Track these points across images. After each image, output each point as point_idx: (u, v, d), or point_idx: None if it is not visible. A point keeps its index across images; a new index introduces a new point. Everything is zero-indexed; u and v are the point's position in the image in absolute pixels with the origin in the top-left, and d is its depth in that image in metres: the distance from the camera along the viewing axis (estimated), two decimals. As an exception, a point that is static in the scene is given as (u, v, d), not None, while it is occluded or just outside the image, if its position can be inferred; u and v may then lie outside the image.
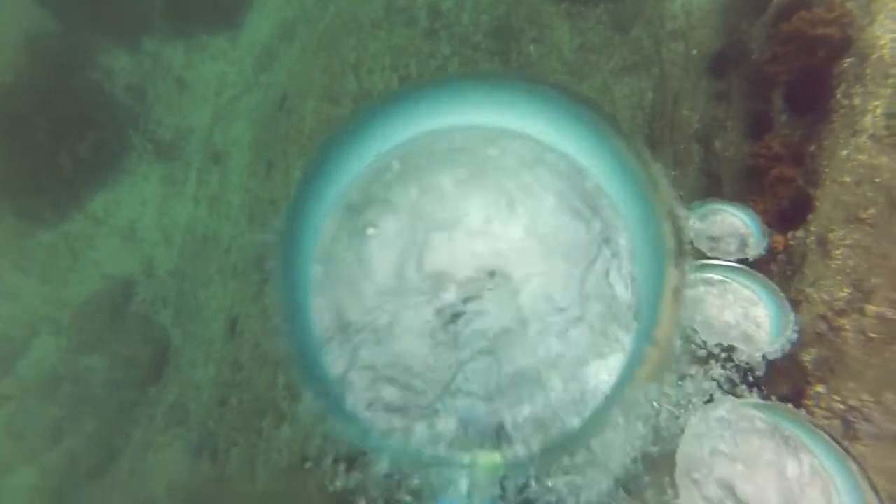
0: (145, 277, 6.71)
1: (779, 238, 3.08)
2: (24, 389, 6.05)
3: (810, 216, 2.92)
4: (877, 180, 2.64)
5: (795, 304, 2.81)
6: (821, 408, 2.49)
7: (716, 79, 4.25)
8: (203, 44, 7.45)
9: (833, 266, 2.74)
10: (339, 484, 1.14)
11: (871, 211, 2.66)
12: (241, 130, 6.69)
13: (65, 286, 6.73)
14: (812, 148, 3.04)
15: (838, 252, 2.74)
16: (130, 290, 6.69)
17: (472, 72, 4.94)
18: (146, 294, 6.67)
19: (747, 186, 3.67)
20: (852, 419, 2.40)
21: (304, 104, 5.97)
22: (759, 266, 3.17)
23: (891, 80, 2.64)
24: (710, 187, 4.00)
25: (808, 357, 2.65)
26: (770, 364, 2.03)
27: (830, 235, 2.78)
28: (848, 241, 2.73)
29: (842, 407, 2.44)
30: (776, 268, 3.09)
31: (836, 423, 2.43)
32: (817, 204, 2.89)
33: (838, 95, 2.92)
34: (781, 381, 2.67)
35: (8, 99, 6.84)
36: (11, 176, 6.92)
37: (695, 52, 4.46)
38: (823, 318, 2.68)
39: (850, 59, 2.89)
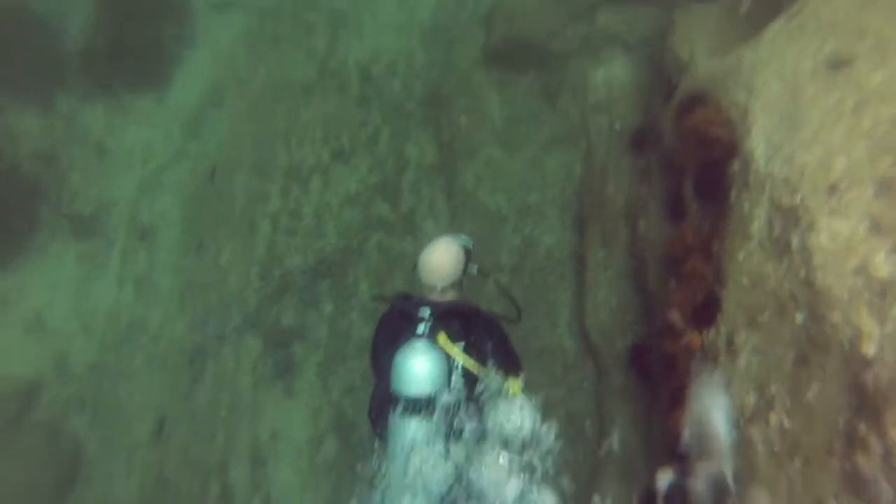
0: (55, 376, 6.56)
1: (695, 336, 3.47)
2: None
3: (719, 316, 3.32)
4: (766, 286, 3.05)
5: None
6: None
7: (637, 155, 4.71)
8: (126, 105, 7.59)
9: (740, 370, 3.12)
10: None
11: (766, 315, 3.06)
12: (169, 204, 6.89)
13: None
14: (716, 246, 3.46)
15: (743, 356, 3.12)
16: (34, 393, 6.44)
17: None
18: (55, 396, 6.44)
19: (669, 272, 4.08)
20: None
21: (233, 178, 6.26)
22: (681, 364, 3.55)
23: (766, 192, 3.07)
24: (638, 269, 4.42)
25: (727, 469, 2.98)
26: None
27: (736, 338, 3.17)
28: (750, 345, 3.11)
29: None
30: (695, 367, 3.46)
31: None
32: (723, 305, 3.29)
33: (732, 197, 3.36)
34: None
35: None
36: None
37: (617, 126, 4.93)
38: (736, 425, 3.03)
39: (737, 164, 3.33)
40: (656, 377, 4.18)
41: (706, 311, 3.46)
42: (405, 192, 5.60)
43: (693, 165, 3.89)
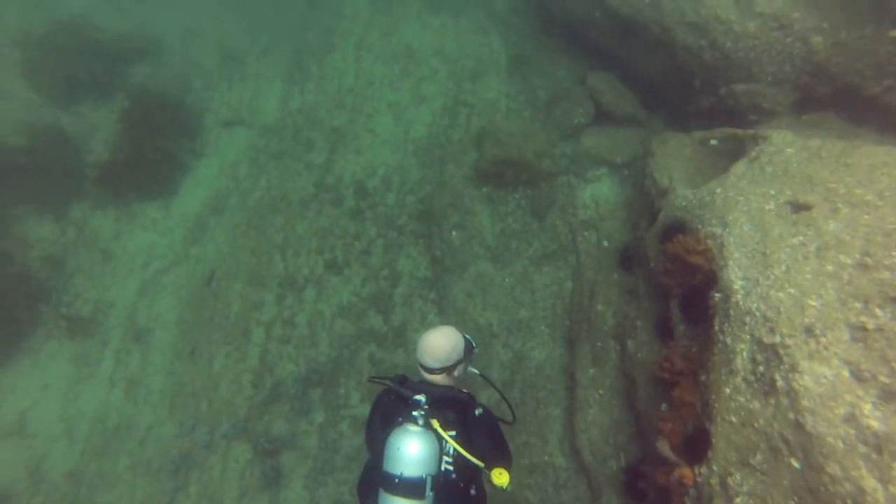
0: (29, 485, 6.25)
1: (688, 472, 3.30)
2: None
3: (710, 452, 3.17)
4: (755, 425, 2.94)
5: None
6: None
7: (625, 273, 4.73)
8: (134, 212, 7.79)
9: (736, 514, 2.94)
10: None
11: (759, 457, 2.92)
12: (166, 307, 6.86)
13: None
14: (703, 377, 3.37)
15: (738, 500, 2.95)
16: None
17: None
18: None
19: (659, 394, 3.96)
20: None
21: (230, 287, 6.25)
22: (675, 499, 3.36)
23: (747, 328, 3.03)
24: (628, 389, 4.30)
25: None
26: None
27: (730, 480, 3.00)
28: (745, 488, 2.95)
29: None
30: (689, 503, 3.28)
31: None
32: (714, 440, 3.16)
33: (715, 327, 3.31)
34: None
35: None
36: None
37: (605, 243, 4.99)
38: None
39: (718, 294, 3.31)
40: (652, 499, 3.94)
41: (697, 446, 3.32)
42: (397, 305, 5.57)
43: (678, 288, 3.88)
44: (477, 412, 2.84)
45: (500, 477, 2.70)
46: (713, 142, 4.39)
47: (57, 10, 8.82)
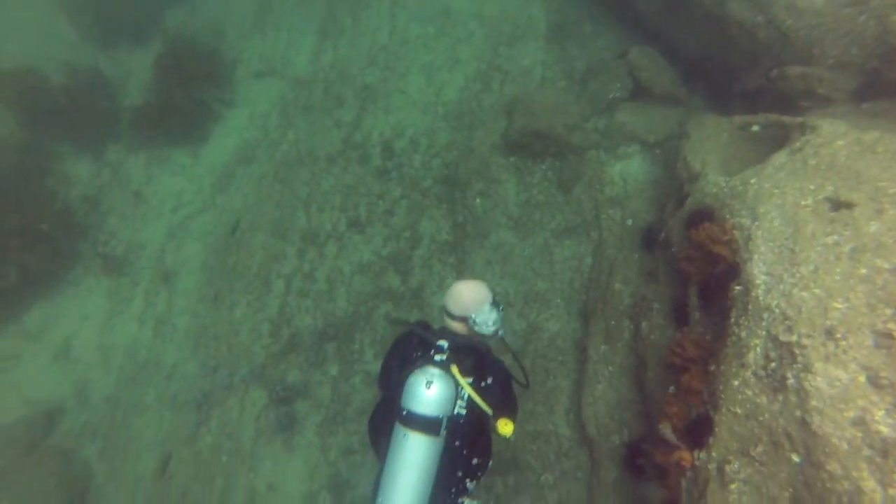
0: (76, 404, 6.76)
1: (687, 455, 3.33)
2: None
3: (710, 439, 3.19)
4: (760, 418, 2.93)
5: (700, 536, 3.02)
6: None
7: (647, 254, 4.66)
8: (165, 157, 7.90)
9: (730, 500, 2.97)
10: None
11: (759, 449, 2.93)
12: (193, 252, 7.01)
13: (-24, 411, 6.72)
14: (713, 367, 3.35)
15: (734, 486, 2.98)
16: (54, 418, 6.68)
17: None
18: (73, 423, 6.67)
19: (668, 377, 3.96)
20: None
21: (254, 237, 6.34)
22: (672, 479, 3.41)
23: (764, 324, 2.97)
24: (638, 369, 4.30)
25: None
26: None
27: (727, 467, 3.02)
28: (742, 476, 2.97)
29: None
30: (685, 484, 3.33)
31: None
32: (716, 429, 3.16)
33: (731, 319, 3.26)
34: None
35: None
36: None
37: (629, 222, 4.90)
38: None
39: (738, 287, 3.25)
40: (650, 480, 4.02)
41: (699, 432, 3.33)
42: (416, 267, 5.59)
43: (698, 276, 3.82)
44: (493, 365, 2.99)
45: (506, 427, 2.86)
46: (755, 128, 4.19)
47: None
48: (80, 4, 8.48)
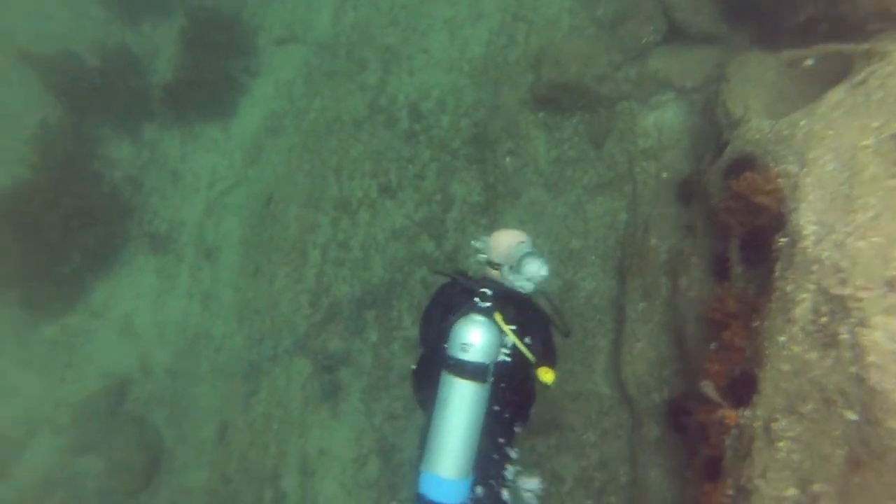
0: (142, 375, 7.14)
1: (730, 414, 3.22)
2: (20, 495, 6.52)
3: (755, 397, 3.06)
4: (809, 375, 2.78)
5: (747, 494, 2.94)
6: None
7: (684, 207, 4.43)
8: (197, 133, 7.96)
9: (778, 458, 2.86)
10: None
11: (810, 406, 2.79)
12: (231, 226, 7.14)
13: (62, 384, 7.23)
14: (756, 323, 3.18)
15: (782, 444, 2.86)
16: (125, 388, 7.11)
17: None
18: (141, 393, 7.09)
19: (708, 334, 3.81)
20: None
21: (287, 209, 6.37)
22: (714, 437, 3.31)
23: (813, 277, 2.78)
24: (677, 326, 4.16)
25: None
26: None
27: (774, 425, 2.90)
28: (790, 434, 2.85)
29: None
30: (729, 442, 3.22)
31: None
32: (761, 386, 3.03)
33: (776, 273, 3.07)
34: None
35: (22, 194, 7.44)
36: (25, 269, 7.44)
37: (664, 175, 4.65)
38: (774, 522, 2.79)
39: (784, 239, 3.04)
40: (693, 437, 3.92)
41: (742, 389, 3.20)
42: (450, 230, 5.52)
43: (739, 228, 3.60)
44: (535, 313, 3.00)
45: (547, 374, 2.87)
46: (808, 62, 3.78)
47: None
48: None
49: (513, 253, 2.96)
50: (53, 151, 7.69)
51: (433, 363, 2.90)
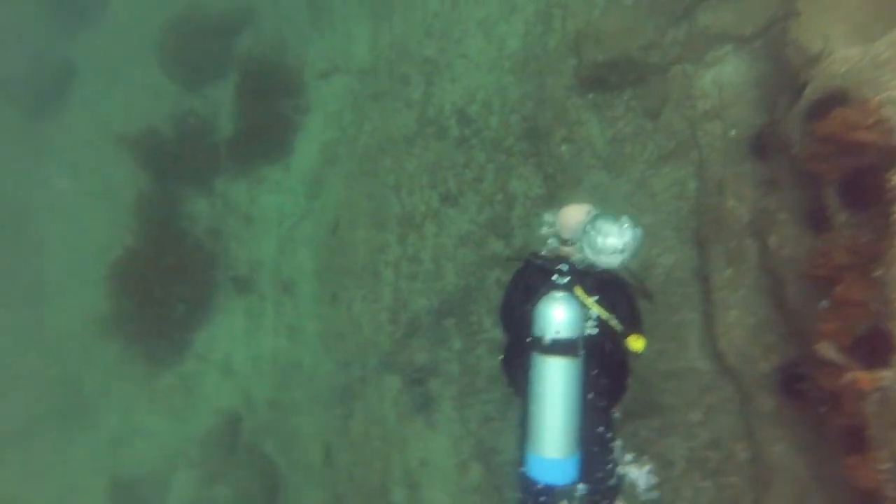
0: (247, 409, 7.54)
1: (864, 376, 2.90)
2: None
3: (894, 356, 2.75)
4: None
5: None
6: None
7: (760, 163, 4.11)
8: (261, 176, 8.34)
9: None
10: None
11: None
12: (304, 258, 7.39)
13: (186, 422, 7.81)
14: (879, 272, 2.87)
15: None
16: (237, 422, 7.55)
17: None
18: (249, 425, 7.48)
19: (815, 292, 3.49)
20: None
21: (354, 234, 6.50)
22: (849, 404, 2.97)
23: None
24: (774, 288, 3.85)
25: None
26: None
27: (925, 385, 2.60)
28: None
29: None
30: (870, 408, 2.89)
31: None
32: (896, 341, 2.72)
33: (894, 214, 2.77)
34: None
35: (131, 260, 8.38)
36: (142, 326, 8.34)
37: (733, 132, 4.35)
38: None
39: (898, 175, 2.74)
40: (817, 405, 3.57)
41: (874, 348, 2.89)
42: (516, 228, 5.42)
43: (835, 173, 3.28)
44: (615, 281, 2.96)
45: (637, 342, 2.82)
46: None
47: (171, -1, 9.30)
48: (171, 54, 9.19)
49: (582, 226, 2.91)
50: (149, 217, 8.55)
51: (521, 349, 2.90)
